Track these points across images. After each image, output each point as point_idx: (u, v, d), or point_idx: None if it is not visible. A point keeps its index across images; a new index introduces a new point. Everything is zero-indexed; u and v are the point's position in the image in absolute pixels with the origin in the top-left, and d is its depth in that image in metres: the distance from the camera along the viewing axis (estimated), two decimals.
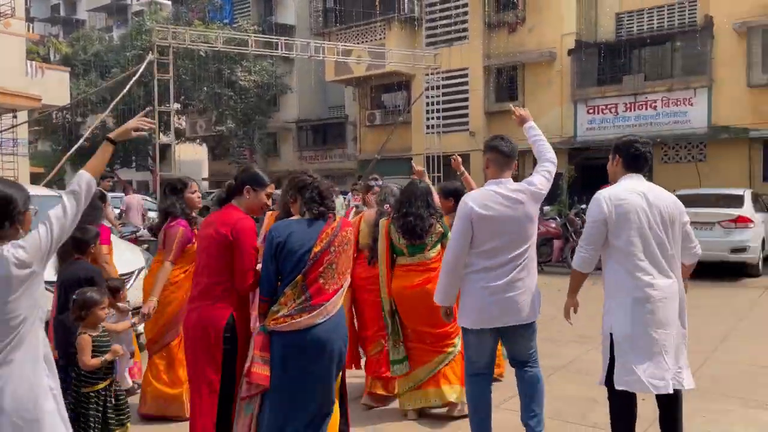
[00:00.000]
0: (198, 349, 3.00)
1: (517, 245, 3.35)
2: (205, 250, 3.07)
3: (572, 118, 19.29)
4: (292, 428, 2.83)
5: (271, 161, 29.66)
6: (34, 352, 2.22)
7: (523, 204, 3.37)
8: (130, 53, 25.34)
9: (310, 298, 2.84)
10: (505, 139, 3.59)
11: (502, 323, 3.37)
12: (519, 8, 19.99)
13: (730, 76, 16.82)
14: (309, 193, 2.95)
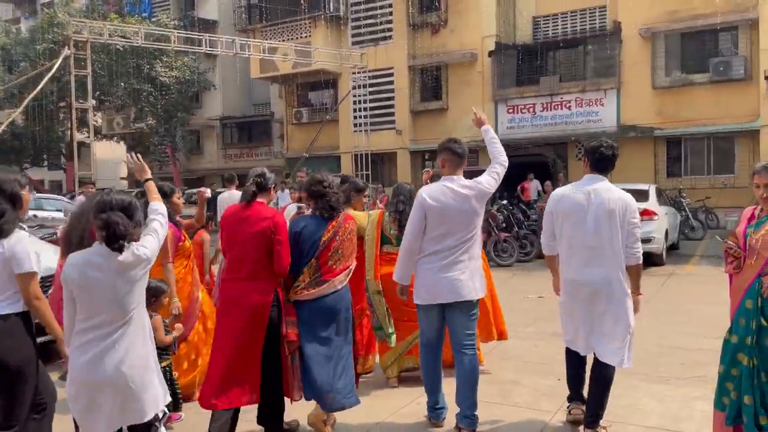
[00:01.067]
0: (247, 319, 3.56)
1: (461, 233, 3.85)
2: (247, 241, 3.63)
3: (493, 118, 19.96)
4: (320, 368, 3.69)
5: (194, 159, 29.01)
6: (142, 327, 2.83)
7: (469, 199, 3.85)
8: (40, 47, 24.04)
9: (321, 275, 3.70)
10: (458, 141, 4.08)
11: (444, 300, 3.87)
12: (441, 10, 20.49)
13: (636, 78, 17.95)
14: (323, 202, 3.80)
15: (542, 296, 8.27)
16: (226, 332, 3.63)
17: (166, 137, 26.11)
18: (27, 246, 3.03)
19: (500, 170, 4.02)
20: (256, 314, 3.57)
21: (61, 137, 28.18)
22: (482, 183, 3.91)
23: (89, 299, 2.68)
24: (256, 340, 3.57)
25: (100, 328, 2.68)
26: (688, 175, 17.77)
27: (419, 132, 21.31)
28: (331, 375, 3.68)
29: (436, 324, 3.99)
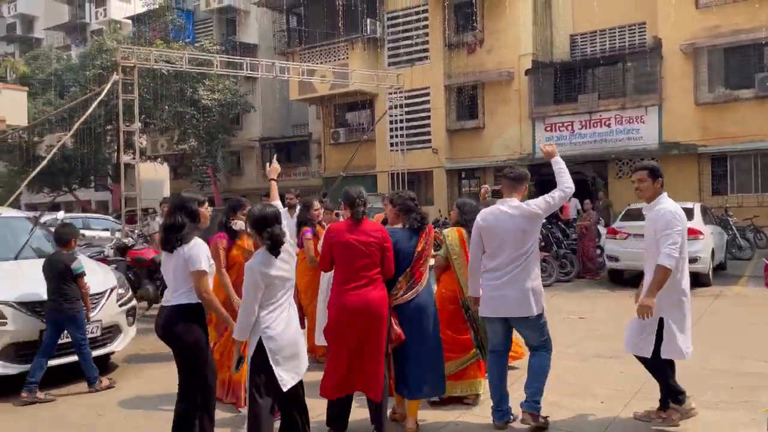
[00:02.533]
0: (373, 320, 4.00)
1: (512, 251, 4.21)
2: (363, 253, 4.06)
3: (530, 136, 19.85)
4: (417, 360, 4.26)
5: (234, 179, 29.56)
6: (291, 300, 3.73)
7: (515, 218, 4.22)
8: (90, 72, 25.01)
9: (414, 281, 4.25)
10: (513, 168, 4.59)
11: (502, 314, 4.28)
12: (478, 30, 20.57)
13: (678, 94, 17.62)
14: (413, 216, 4.36)
15: (582, 317, 8.12)
16: (347, 336, 4.02)
17: (208, 158, 26.72)
18: (201, 250, 3.75)
19: (558, 194, 4.32)
20: (380, 315, 4.03)
21: (108, 159, 29.11)
22: (530, 204, 4.25)
23: (270, 290, 3.58)
24: (381, 338, 4.04)
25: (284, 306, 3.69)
26: (734, 193, 17.28)
27: (455, 151, 21.31)
28: (425, 366, 4.24)
29: (501, 334, 4.37)
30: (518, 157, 19.89)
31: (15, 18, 43.24)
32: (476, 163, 20.94)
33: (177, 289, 3.78)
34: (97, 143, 26.20)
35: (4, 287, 5.56)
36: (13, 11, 42.03)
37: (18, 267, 6.18)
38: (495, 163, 20.39)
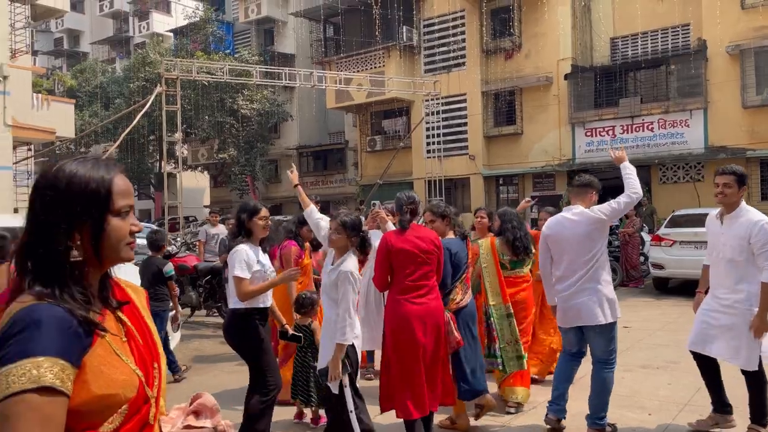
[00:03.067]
0: (436, 330, 3.95)
1: (577, 257, 4.22)
2: (424, 261, 4.01)
3: (570, 141, 19.55)
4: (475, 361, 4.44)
5: (272, 187, 29.92)
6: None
7: (578, 224, 4.23)
8: (134, 84, 25.73)
9: (466, 287, 4.43)
10: (581, 175, 4.66)
11: (574, 324, 4.29)
12: (515, 35, 20.40)
13: (725, 97, 17.12)
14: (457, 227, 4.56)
15: (627, 327, 7.93)
16: (415, 347, 3.89)
17: (247, 167, 27.15)
18: (236, 257, 3.85)
19: (624, 200, 4.25)
20: (444, 323, 4.05)
21: (150, 168, 29.85)
22: (594, 210, 4.24)
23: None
24: (442, 346, 4.03)
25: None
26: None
27: (493, 157, 21.14)
28: (479, 366, 4.42)
29: (575, 343, 4.40)
30: (557, 163, 19.61)
31: (62, 33, 44.82)
32: (514, 170, 20.72)
33: (230, 295, 4.02)
34: (140, 153, 26.91)
35: None
36: (61, 26, 43.57)
37: None
38: (533, 170, 20.16)
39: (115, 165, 1.33)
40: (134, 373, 1.21)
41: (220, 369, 6.69)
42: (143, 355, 1.27)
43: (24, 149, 16.16)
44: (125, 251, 1.28)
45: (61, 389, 1.08)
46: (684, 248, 10.55)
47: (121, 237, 1.27)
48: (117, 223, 1.27)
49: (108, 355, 1.18)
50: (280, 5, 28.87)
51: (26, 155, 16.25)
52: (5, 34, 13.95)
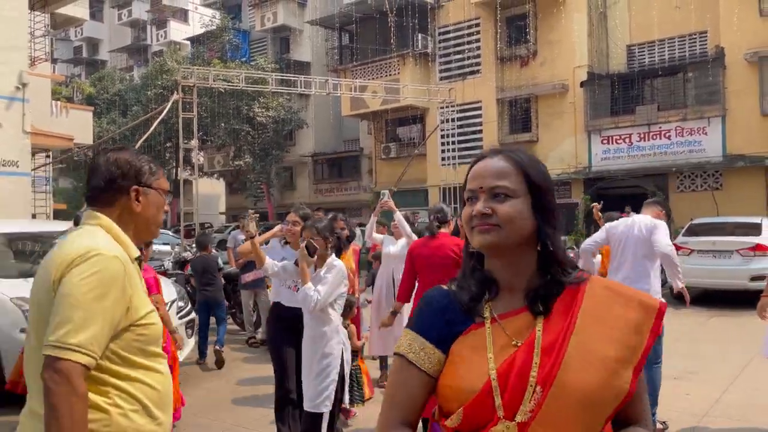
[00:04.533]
0: None
1: (635, 256, 4.61)
2: (440, 265, 4.30)
3: (586, 149, 19.42)
4: None
5: (287, 194, 30.04)
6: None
7: (635, 231, 4.66)
8: (151, 92, 26.00)
9: None
10: (654, 195, 5.04)
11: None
12: (531, 42, 20.35)
13: (743, 105, 16.93)
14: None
15: None
16: None
17: (262, 174, 27.28)
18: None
19: (671, 261, 4.65)
20: None
21: (167, 175, 30.06)
22: (648, 224, 4.65)
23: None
24: None
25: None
26: None
27: None
28: None
29: None
30: (573, 171, 19.49)
31: (81, 41, 45.48)
32: None
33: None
34: (157, 160, 26.85)
35: None
36: (80, 35, 44.21)
37: None
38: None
39: None
40: (485, 375, 1.13)
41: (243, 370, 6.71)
42: (521, 369, 1.12)
43: (42, 156, 16.37)
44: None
45: (412, 361, 1.21)
46: (702, 257, 10.41)
47: None
48: None
49: (471, 349, 1.18)
50: (296, 14, 29.08)
51: (44, 162, 16.46)
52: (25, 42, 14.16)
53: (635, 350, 1.13)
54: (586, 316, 1.14)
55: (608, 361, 1.10)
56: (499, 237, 1.19)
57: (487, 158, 1.29)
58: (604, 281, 1.22)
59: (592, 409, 1.09)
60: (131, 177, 1.76)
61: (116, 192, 1.74)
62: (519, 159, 1.25)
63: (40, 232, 7.49)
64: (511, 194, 1.20)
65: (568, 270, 1.22)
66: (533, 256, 1.22)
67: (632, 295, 1.19)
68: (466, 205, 1.26)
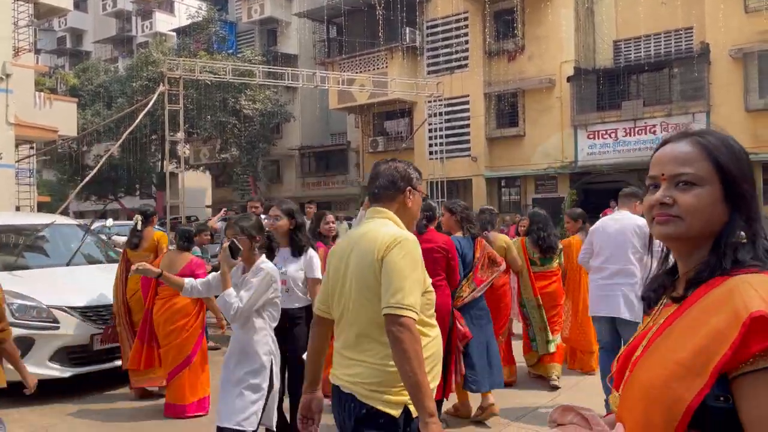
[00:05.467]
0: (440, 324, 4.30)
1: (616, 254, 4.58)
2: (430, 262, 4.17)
3: (573, 143, 19.54)
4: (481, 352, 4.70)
5: (274, 188, 29.92)
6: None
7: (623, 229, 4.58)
8: (136, 83, 25.74)
9: (475, 284, 4.66)
10: (628, 186, 5.21)
11: (605, 313, 4.58)
12: (518, 37, 20.40)
13: (727, 101, 17.11)
14: (473, 224, 4.86)
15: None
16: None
17: (249, 167, 27.14)
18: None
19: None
20: (445, 319, 4.15)
21: (152, 168, 29.85)
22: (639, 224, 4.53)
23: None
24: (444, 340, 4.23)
25: None
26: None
27: (495, 159, 21.13)
28: (490, 360, 4.63)
29: (607, 332, 4.63)
30: (560, 166, 19.61)
31: (65, 32, 44.87)
32: (516, 172, 20.72)
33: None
34: (142, 153, 26.89)
35: (58, 293, 5.72)
36: (64, 25, 43.62)
37: (70, 273, 6.36)
38: (536, 172, 20.15)
39: None
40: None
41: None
42: (629, 351, 1.17)
43: (26, 147, 16.17)
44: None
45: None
46: None
47: None
48: None
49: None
50: (284, 5, 28.88)
51: (28, 153, 16.26)
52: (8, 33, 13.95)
53: (708, 360, 0.97)
54: (690, 312, 1.06)
55: (675, 363, 1.01)
56: (679, 229, 1.10)
57: (671, 142, 1.21)
58: (752, 279, 1.02)
59: (652, 407, 1.02)
60: (406, 180, 2.35)
61: (396, 192, 2.33)
62: (707, 143, 1.15)
63: (23, 225, 7.41)
64: (696, 182, 1.10)
65: (746, 261, 1.06)
66: (710, 246, 1.11)
67: (734, 300, 1.00)
68: (647, 192, 1.19)
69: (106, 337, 5.70)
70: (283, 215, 4.04)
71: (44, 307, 5.48)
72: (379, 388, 2.07)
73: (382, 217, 2.27)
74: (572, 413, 1.18)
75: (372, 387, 2.08)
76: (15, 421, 4.88)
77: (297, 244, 4.06)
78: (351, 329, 2.17)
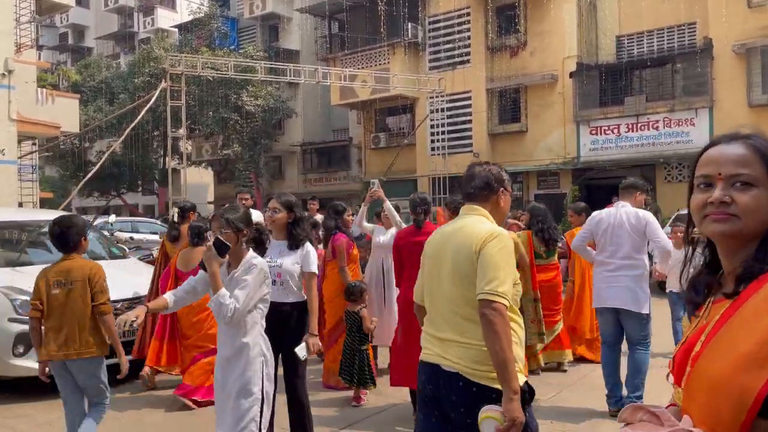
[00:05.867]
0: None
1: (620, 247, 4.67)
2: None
3: (575, 139, 19.50)
4: None
5: (276, 184, 29.93)
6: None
7: (624, 222, 4.67)
8: (138, 80, 25.73)
9: None
10: (627, 178, 5.18)
11: (609, 305, 4.69)
12: (520, 32, 20.33)
13: (731, 96, 17.06)
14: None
15: None
16: (414, 329, 3.97)
17: (251, 163, 27.13)
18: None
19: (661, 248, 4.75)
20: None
21: (155, 164, 29.88)
22: (639, 217, 4.64)
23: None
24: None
25: None
26: None
27: (497, 155, 21.09)
28: None
29: (610, 325, 4.76)
30: (562, 161, 19.58)
31: (67, 28, 44.84)
32: (518, 168, 20.66)
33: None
34: (144, 149, 26.93)
35: None
36: (66, 21, 43.58)
37: None
38: (538, 168, 20.11)
39: None
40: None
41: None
42: (687, 347, 1.21)
43: (28, 143, 16.20)
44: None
45: None
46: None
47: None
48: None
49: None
50: (285, 1, 28.82)
51: (31, 150, 16.28)
52: (10, 29, 13.95)
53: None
54: (747, 306, 1.10)
55: (740, 355, 1.04)
56: (735, 227, 1.15)
57: (722, 144, 1.25)
58: None
59: (719, 399, 1.05)
60: (500, 182, 2.62)
61: (490, 192, 2.60)
62: (759, 146, 1.21)
63: (26, 221, 7.42)
64: (753, 183, 1.16)
65: None
66: (756, 244, 1.17)
67: None
68: (694, 191, 1.24)
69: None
70: (282, 208, 3.94)
71: None
72: (482, 367, 2.31)
73: (477, 214, 2.56)
74: (642, 411, 1.21)
75: (475, 366, 2.33)
76: (19, 416, 4.90)
77: (295, 237, 3.95)
78: (446, 314, 2.46)
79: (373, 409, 5.05)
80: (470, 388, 2.31)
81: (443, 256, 2.49)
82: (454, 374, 2.34)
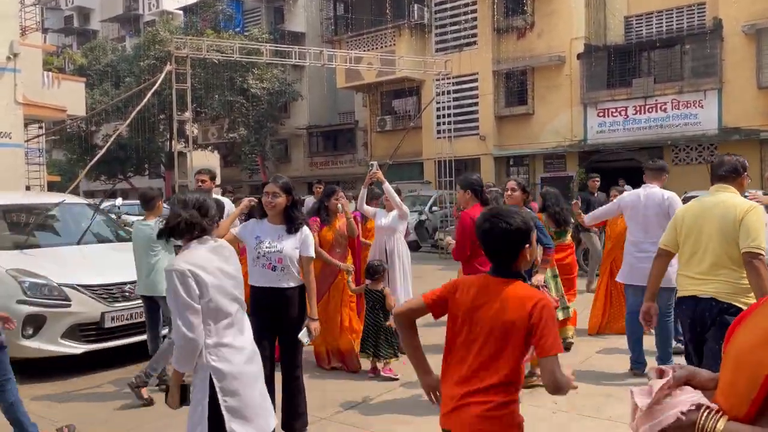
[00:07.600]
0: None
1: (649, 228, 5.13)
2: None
3: (582, 121, 19.37)
4: None
5: (282, 167, 29.93)
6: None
7: (645, 203, 5.20)
8: (143, 63, 25.67)
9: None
10: (655, 160, 5.70)
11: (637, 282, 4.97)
12: (528, 13, 20.12)
13: (740, 77, 16.87)
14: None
15: None
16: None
17: (257, 146, 27.11)
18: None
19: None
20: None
21: (161, 147, 29.90)
22: (663, 197, 5.14)
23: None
24: None
25: None
26: None
27: (504, 137, 21.00)
28: None
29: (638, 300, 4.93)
30: (569, 144, 19.48)
31: (72, 11, 44.66)
32: (525, 150, 20.60)
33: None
34: (150, 132, 26.92)
35: (69, 271, 5.79)
36: (71, 4, 43.41)
37: (80, 251, 6.42)
38: (544, 150, 20.03)
39: None
40: None
41: None
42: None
43: (35, 127, 16.22)
44: None
45: None
46: None
47: None
48: None
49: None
50: None
51: (37, 133, 16.32)
52: (15, 12, 13.91)
53: None
54: None
55: (763, 330, 1.10)
56: None
57: None
58: None
59: (739, 371, 1.11)
60: (744, 169, 3.52)
61: (737, 176, 3.49)
62: None
63: (34, 204, 7.48)
64: None
65: None
66: None
67: None
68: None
69: None
70: (281, 192, 3.81)
71: (55, 285, 5.55)
72: (735, 295, 3.23)
73: (729, 192, 3.43)
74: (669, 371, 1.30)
75: (729, 294, 3.24)
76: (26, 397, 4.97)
77: (294, 221, 3.87)
78: (706, 260, 3.34)
79: (370, 387, 5.13)
80: (723, 305, 3.23)
81: (706, 220, 3.36)
82: (710, 300, 3.26)
